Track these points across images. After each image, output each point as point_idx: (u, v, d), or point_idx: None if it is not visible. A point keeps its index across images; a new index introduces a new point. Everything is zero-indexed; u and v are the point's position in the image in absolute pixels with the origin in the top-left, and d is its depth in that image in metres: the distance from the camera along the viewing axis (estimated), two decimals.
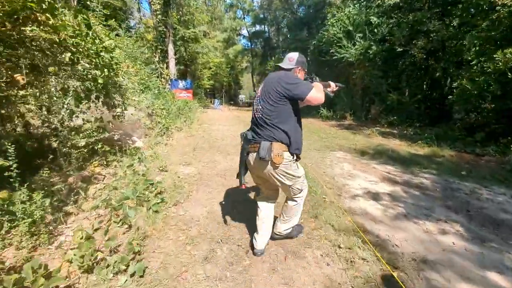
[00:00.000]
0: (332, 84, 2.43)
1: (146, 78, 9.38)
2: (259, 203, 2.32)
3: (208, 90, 34.01)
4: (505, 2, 5.88)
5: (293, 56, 2.15)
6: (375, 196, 3.58)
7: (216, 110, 20.41)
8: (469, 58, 6.04)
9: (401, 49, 9.61)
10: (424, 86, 11.35)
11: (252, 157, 2.00)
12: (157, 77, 12.22)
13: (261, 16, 36.03)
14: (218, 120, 12.69)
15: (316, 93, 1.89)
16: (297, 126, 2.03)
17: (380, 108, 11.58)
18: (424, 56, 9.63)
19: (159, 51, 15.12)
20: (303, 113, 2.28)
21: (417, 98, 10.17)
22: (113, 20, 13.25)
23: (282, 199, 2.46)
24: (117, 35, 10.50)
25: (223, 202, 3.22)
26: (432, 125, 9.39)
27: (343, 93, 13.39)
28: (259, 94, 2.04)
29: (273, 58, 32.99)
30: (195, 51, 17.21)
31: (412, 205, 3.33)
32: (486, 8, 6.14)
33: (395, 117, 10.40)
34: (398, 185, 4.08)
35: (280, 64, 2.17)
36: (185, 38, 15.67)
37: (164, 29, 14.55)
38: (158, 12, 14.68)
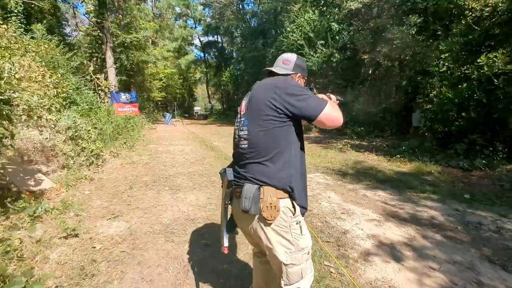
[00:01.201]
0: (333, 97, 1.65)
1: (72, 91, 7.48)
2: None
3: (160, 103, 31.73)
4: (474, 6, 5.59)
5: (290, 58, 1.43)
6: (392, 251, 2.55)
7: (167, 125, 18.41)
8: (446, 65, 5.64)
9: (366, 57, 9.26)
10: (382, 95, 11.24)
11: (236, 204, 1.27)
12: (92, 89, 10.23)
13: (214, 25, 34.90)
14: (169, 138, 10.95)
15: (332, 110, 1.21)
16: (300, 159, 1.28)
17: (345, 118, 11.11)
18: (390, 64, 9.41)
19: (95, 59, 12.98)
20: None
21: (382, 107, 9.87)
22: (39, 24, 11.10)
23: None
24: (32, 37, 8.46)
25: None
26: (400, 135, 9.07)
27: None
28: (242, 112, 1.32)
29: (228, 68, 32.03)
30: (140, 60, 15.18)
31: (447, 262, 2.36)
32: (455, 13, 5.86)
33: (362, 128, 9.96)
34: (407, 224, 3.15)
35: (271, 68, 1.42)
36: (126, 45, 13.63)
37: (100, 34, 12.50)
38: (92, 14, 12.60)
